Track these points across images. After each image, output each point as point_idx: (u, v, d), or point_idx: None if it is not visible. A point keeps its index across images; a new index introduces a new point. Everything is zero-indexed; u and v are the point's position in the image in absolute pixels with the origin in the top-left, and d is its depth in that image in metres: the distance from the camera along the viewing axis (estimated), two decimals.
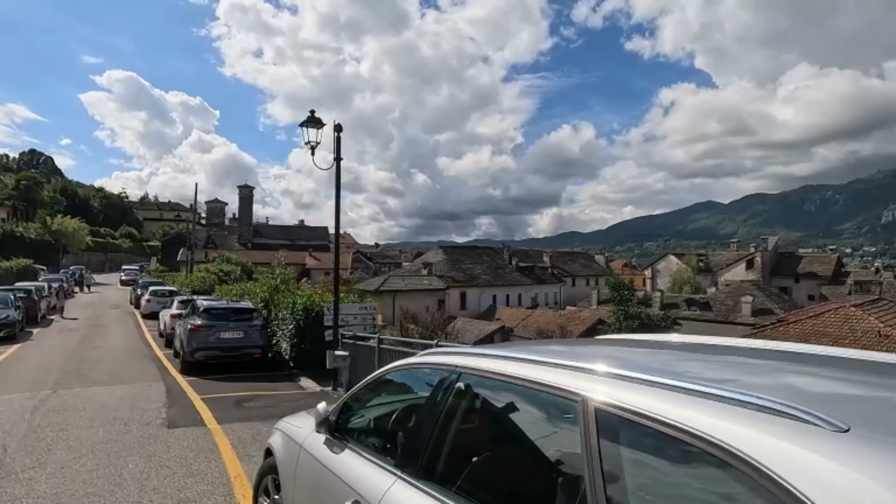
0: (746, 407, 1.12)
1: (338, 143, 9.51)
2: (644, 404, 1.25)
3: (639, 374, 1.38)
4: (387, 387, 2.79)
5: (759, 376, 1.60)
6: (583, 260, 66.95)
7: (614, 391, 1.36)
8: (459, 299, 44.16)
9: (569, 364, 1.60)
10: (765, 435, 1.03)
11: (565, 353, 1.89)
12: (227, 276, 28.11)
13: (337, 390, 9.34)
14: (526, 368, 1.70)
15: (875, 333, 22.10)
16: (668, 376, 1.33)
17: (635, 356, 1.99)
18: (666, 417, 1.18)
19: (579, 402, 1.42)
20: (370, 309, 11.33)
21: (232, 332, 11.15)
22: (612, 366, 1.50)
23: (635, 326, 29.51)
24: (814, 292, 52.31)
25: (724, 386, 1.22)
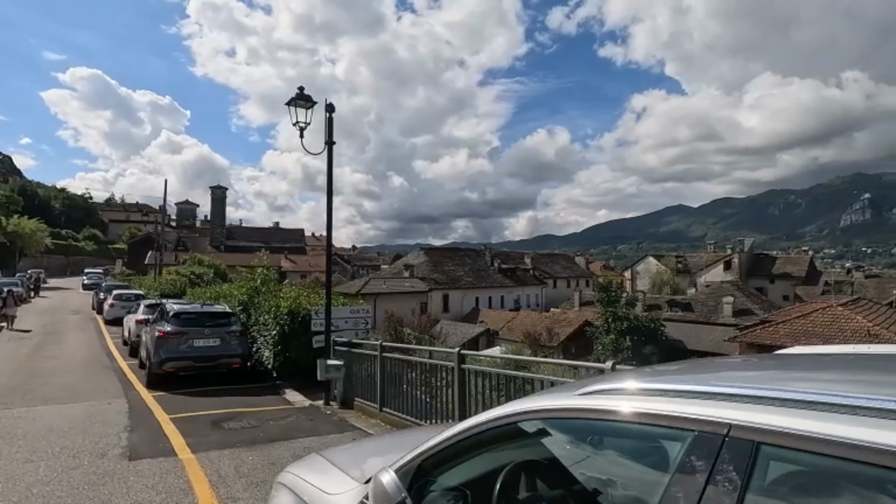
0: None
1: (330, 124, 8.43)
2: None
3: None
4: (508, 447, 1.70)
5: None
6: (563, 262, 66.84)
7: None
8: (442, 302, 43.15)
9: None
10: None
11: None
12: (200, 278, 26.43)
13: (330, 405, 8.22)
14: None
15: (864, 332, 22.09)
16: None
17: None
18: None
19: None
20: (363, 312, 10.22)
21: (207, 339, 9.89)
22: None
23: (623, 328, 29.05)
24: (788, 293, 53.33)
25: None
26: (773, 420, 0.92)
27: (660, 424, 1.10)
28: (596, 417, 1.28)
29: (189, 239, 73.85)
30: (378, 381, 7.09)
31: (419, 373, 6.35)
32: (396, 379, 6.84)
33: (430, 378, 6.07)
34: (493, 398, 4.90)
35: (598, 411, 1.26)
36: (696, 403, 1.06)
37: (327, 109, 8.43)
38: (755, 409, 0.96)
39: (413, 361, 6.53)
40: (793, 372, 1.41)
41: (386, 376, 7.01)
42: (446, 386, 5.66)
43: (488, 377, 5.08)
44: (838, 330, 22.83)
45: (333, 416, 7.49)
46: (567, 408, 1.36)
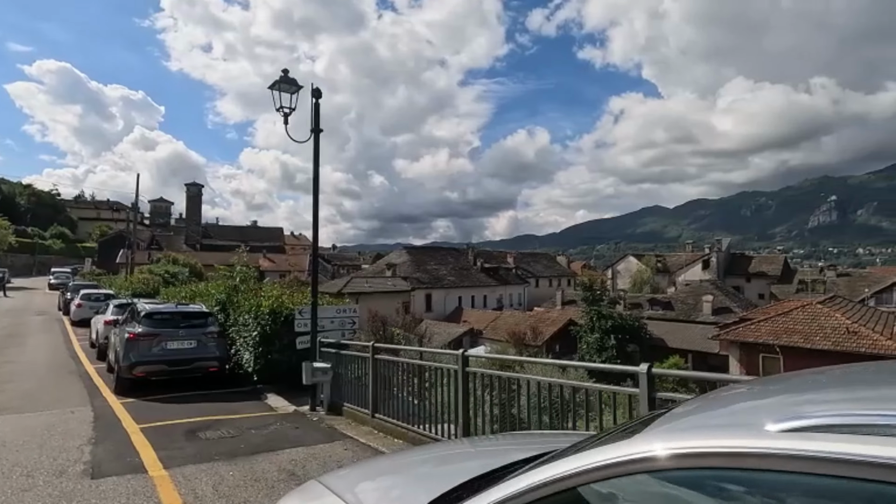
0: None
1: (316, 111, 7.88)
2: None
3: None
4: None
5: None
6: (545, 261, 67.05)
7: None
8: (425, 301, 42.63)
9: None
10: None
11: None
12: (174, 277, 25.37)
13: (316, 410, 7.67)
14: None
15: (844, 330, 22.46)
16: None
17: None
18: None
19: None
20: (349, 312, 9.68)
21: (181, 341, 9.21)
22: None
23: (608, 327, 29.03)
24: (764, 291, 54.53)
25: None
26: None
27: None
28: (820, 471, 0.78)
29: (163, 237, 71.65)
30: (370, 385, 6.59)
31: (416, 376, 5.87)
32: (390, 383, 6.36)
33: (428, 381, 5.60)
34: (501, 406, 4.47)
35: (824, 461, 0.77)
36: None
37: (314, 95, 7.89)
38: None
39: (411, 364, 6.04)
40: None
41: (379, 380, 6.51)
42: (448, 390, 5.20)
43: (496, 381, 4.65)
44: (819, 327, 23.18)
45: (321, 424, 6.95)
46: (760, 452, 0.85)
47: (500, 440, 2.71)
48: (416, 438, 5.63)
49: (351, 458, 5.33)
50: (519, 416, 4.34)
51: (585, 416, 3.86)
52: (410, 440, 5.72)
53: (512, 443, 2.51)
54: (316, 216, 7.84)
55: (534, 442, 2.40)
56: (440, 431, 5.35)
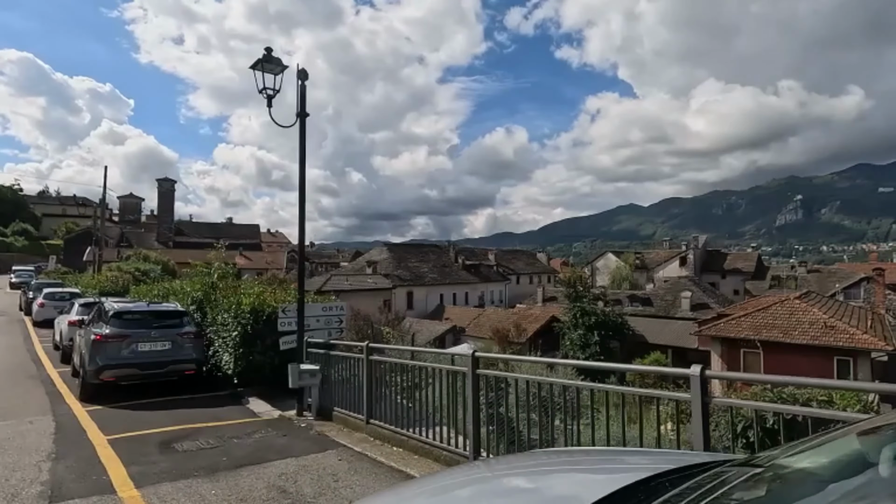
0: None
1: (303, 94, 7.33)
2: None
3: None
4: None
5: None
6: (526, 258, 67.20)
7: None
8: (406, 299, 42.10)
9: None
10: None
11: None
12: (146, 275, 24.23)
13: (304, 416, 7.15)
14: None
15: (821, 324, 22.87)
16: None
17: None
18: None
19: None
20: (336, 310, 9.15)
21: (154, 342, 8.54)
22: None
23: (591, 323, 29.04)
24: (738, 287, 55.72)
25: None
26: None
27: None
28: None
29: (133, 235, 69.10)
30: (364, 389, 6.11)
31: (419, 379, 5.42)
32: (386, 386, 5.90)
33: (431, 384, 5.16)
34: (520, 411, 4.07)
35: None
36: None
37: (300, 76, 7.33)
38: None
39: (412, 367, 5.57)
40: None
41: (374, 382, 6.04)
42: (450, 393, 4.77)
43: (514, 385, 4.25)
44: (796, 322, 23.57)
45: (310, 430, 6.44)
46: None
47: (541, 459, 2.28)
48: (417, 447, 5.19)
49: (347, 470, 4.85)
50: (550, 424, 3.93)
51: (631, 419, 3.48)
52: (410, 448, 5.27)
53: (562, 463, 2.09)
54: (302, 205, 7.29)
55: (595, 463, 2.00)
56: (443, 438, 4.92)
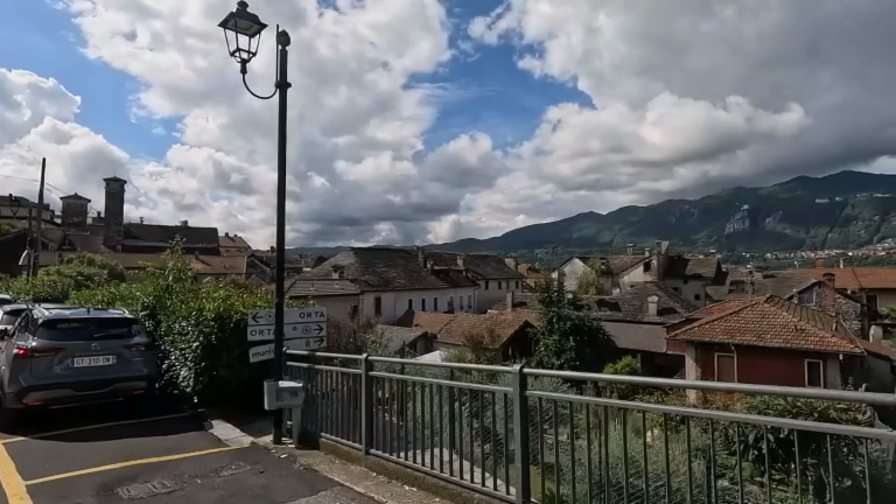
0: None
1: (283, 61, 6.21)
2: None
3: None
4: None
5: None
6: (494, 263, 66.88)
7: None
8: (374, 304, 40.67)
9: None
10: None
11: None
12: (90, 279, 21.94)
13: (282, 443, 5.96)
14: None
15: (792, 328, 23.19)
16: None
17: None
18: None
19: None
20: (315, 315, 7.97)
21: (95, 356, 7.11)
22: None
23: (567, 328, 28.61)
24: (699, 292, 57.17)
25: None
26: None
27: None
28: None
29: (78, 238, 64.18)
30: (363, 411, 5.01)
31: (441, 399, 4.38)
32: (393, 407, 4.84)
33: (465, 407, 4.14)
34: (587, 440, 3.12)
35: None
36: None
37: (279, 41, 6.21)
38: None
39: (440, 385, 4.45)
40: None
41: (375, 403, 4.96)
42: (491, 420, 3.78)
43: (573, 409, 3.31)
44: (769, 325, 23.85)
45: (294, 464, 5.27)
46: None
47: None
48: (438, 486, 4.15)
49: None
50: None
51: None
52: (428, 488, 4.22)
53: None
54: (282, 190, 6.14)
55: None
56: (474, 476, 3.92)
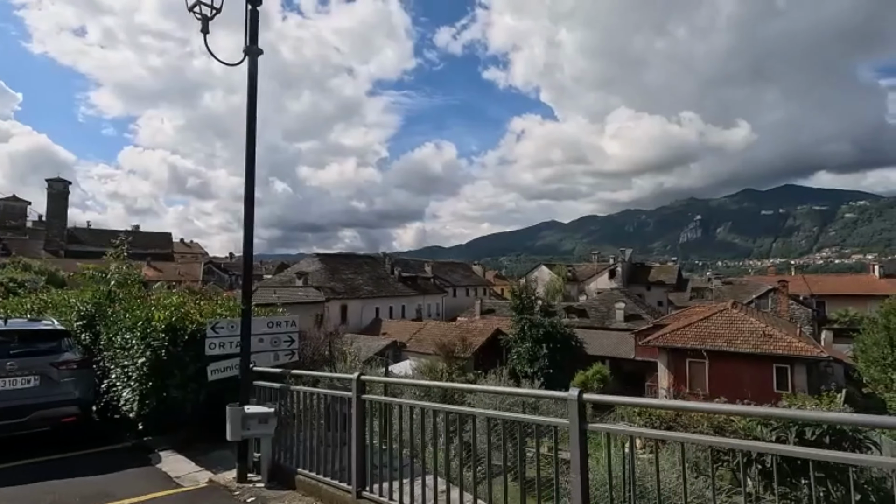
0: None
1: (253, 23, 5.23)
2: None
3: None
4: None
5: None
6: (462, 270, 66.34)
7: None
8: (340, 312, 39.18)
9: None
10: None
11: None
12: (22, 286, 19.75)
13: (248, 480, 4.90)
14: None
15: (760, 333, 23.50)
16: None
17: None
18: None
19: None
20: (286, 325, 6.92)
21: (12, 377, 5.82)
22: None
23: (540, 335, 28.17)
24: (662, 298, 58.41)
25: None
26: None
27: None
28: None
29: (16, 242, 59.36)
30: (354, 442, 4.06)
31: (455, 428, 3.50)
32: (386, 437, 3.92)
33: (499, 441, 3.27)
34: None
35: None
36: None
37: (250, 0, 5.23)
38: None
39: (469, 414, 3.52)
40: None
41: (371, 434, 4.03)
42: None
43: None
44: (738, 331, 24.13)
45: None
46: None
47: None
48: None
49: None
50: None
51: None
52: None
53: None
54: (251, 173, 5.12)
55: None
56: None
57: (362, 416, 4.07)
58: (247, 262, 5.37)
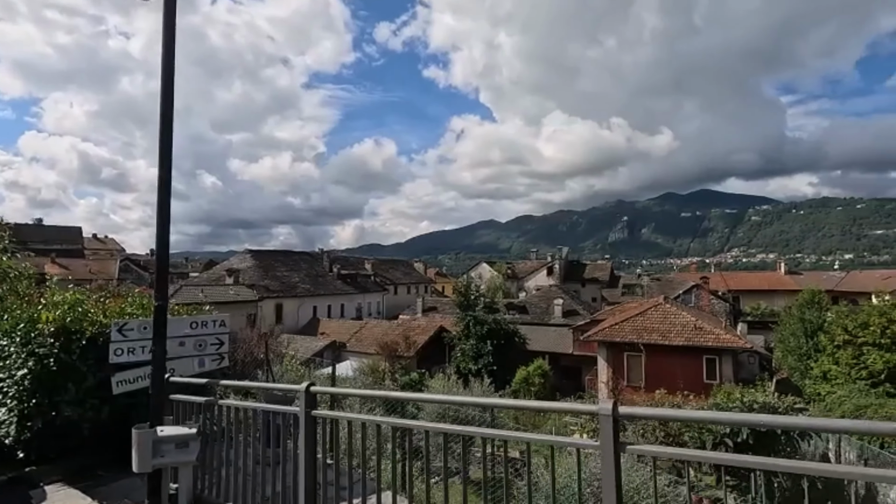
0: None
1: None
2: None
3: None
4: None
5: None
6: (403, 268, 65.36)
7: None
8: (275, 311, 37.02)
9: None
10: None
11: None
12: None
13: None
14: None
15: (692, 326, 24.64)
16: None
17: None
18: None
19: None
20: (214, 325, 5.87)
21: None
22: None
23: (484, 332, 27.98)
24: (595, 295, 60.69)
25: None
26: None
27: None
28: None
29: None
30: (301, 471, 3.24)
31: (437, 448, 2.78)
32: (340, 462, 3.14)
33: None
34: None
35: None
36: None
37: None
38: None
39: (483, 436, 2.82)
40: None
41: (324, 460, 3.22)
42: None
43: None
44: (671, 325, 25.15)
45: None
46: None
47: None
48: None
49: None
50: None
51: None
52: None
53: None
54: (168, 138, 4.11)
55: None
56: None
57: (313, 435, 3.25)
58: (162, 248, 4.34)
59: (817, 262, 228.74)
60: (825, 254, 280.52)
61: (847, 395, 14.53)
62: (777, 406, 9.41)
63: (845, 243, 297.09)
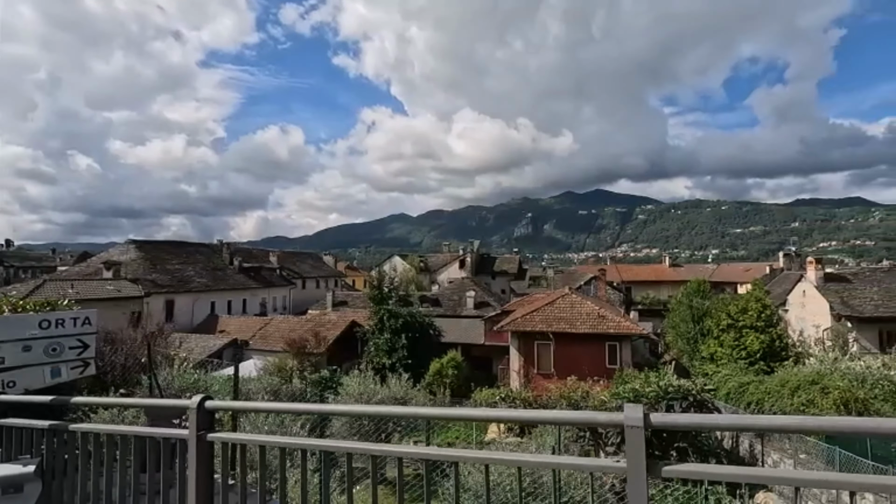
0: None
1: None
2: None
3: None
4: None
5: None
6: (311, 261, 62.42)
7: None
8: (165, 308, 33.24)
9: None
10: None
11: None
12: None
13: None
14: None
15: (596, 315, 26.03)
16: None
17: None
18: None
19: None
20: (76, 323, 4.62)
21: None
22: None
23: (399, 326, 27.31)
24: (505, 286, 62.75)
25: None
26: None
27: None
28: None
29: None
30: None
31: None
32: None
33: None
34: None
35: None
36: None
37: None
38: None
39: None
40: None
41: (223, 481, 2.39)
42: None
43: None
44: (577, 314, 26.38)
45: None
46: None
47: None
48: None
49: None
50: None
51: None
52: None
53: None
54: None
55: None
56: None
57: (208, 460, 2.40)
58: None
59: (691, 257, 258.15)
60: (697, 249, 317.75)
61: (731, 373, 16.04)
62: (691, 388, 9.99)
63: (713, 240, 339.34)
